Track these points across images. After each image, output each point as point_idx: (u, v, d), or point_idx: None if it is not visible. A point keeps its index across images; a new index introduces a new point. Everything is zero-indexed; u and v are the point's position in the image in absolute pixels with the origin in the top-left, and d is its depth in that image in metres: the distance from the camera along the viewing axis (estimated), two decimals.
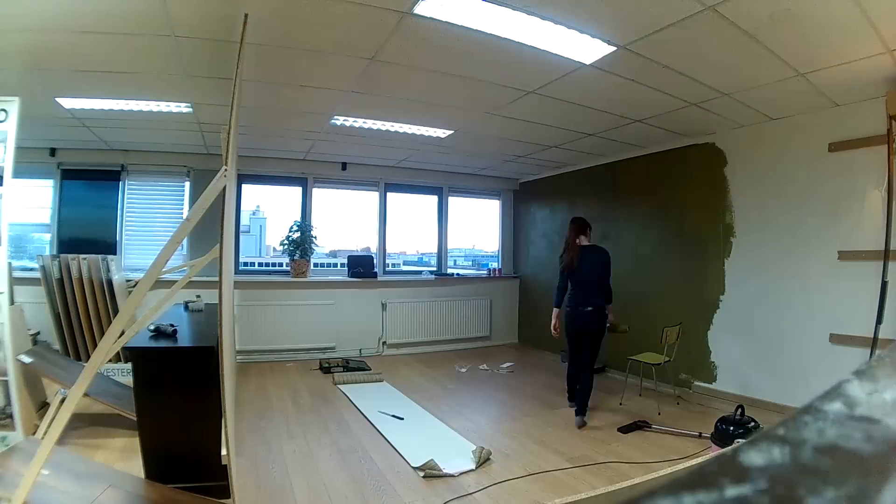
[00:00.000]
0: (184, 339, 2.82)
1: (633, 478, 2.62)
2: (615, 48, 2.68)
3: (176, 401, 2.46)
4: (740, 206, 4.17)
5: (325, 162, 6.02)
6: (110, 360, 3.91)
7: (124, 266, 5.10)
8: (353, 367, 5.28)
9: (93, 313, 4.44)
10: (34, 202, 5.13)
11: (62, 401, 2.58)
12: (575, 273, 3.79)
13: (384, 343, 6.18)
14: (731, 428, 2.94)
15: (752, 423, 2.97)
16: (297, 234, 5.82)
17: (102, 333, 4.06)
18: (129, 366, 3.45)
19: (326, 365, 5.22)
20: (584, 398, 3.72)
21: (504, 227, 7.43)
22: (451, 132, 4.61)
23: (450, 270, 6.98)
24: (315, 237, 5.96)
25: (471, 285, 6.83)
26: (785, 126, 3.78)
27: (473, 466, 2.87)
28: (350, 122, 4.31)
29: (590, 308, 3.70)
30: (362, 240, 6.72)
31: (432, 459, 2.84)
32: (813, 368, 3.59)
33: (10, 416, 2.81)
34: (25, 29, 2.53)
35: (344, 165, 6.13)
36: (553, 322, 3.99)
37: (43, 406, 3.18)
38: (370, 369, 5.26)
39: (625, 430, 3.53)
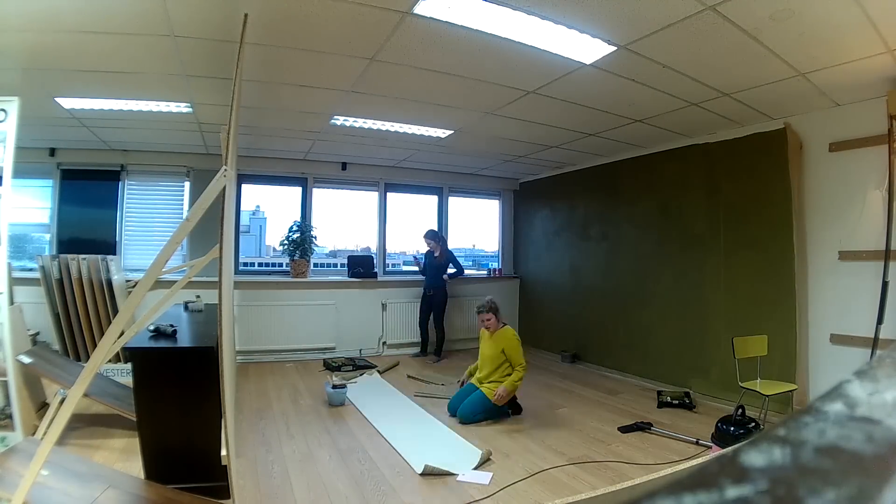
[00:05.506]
0: (183, 340, 2.82)
1: (633, 478, 2.62)
2: (615, 48, 2.68)
3: (176, 401, 2.46)
4: (741, 205, 4.17)
5: (325, 162, 6.02)
6: (110, 361, 3.92)
7: (124, 266, 5.10)
8: (361, 365, 5.30)
9: (92, 314, 4.44)
10: (34, 202, 5.14)
11: (62, 401, 2.58)
12: None
13: (384, 343, 6.18)
14: (732, 428, 2.94)
15: (753, 424, 2.97)
16: (297, 235, 5.82)
17: (102, 334, 4.06)
18: (129, 366, 3.45)
19: (335, 364, 5.23)
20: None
21: (504, 227, 7.43)
22: (451, 132, 4.60)
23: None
24: (315, 237, 5.96)
25: (471, 285, 6.83)
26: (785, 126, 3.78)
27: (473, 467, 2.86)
28: (350, 122, 4.31)
29: None
30: (362, 240, 6.72)
31: (428, 464, 2.82)
32: (814, 368, 3.58)
33: (10, 416, 2.81)
34: (25, 29, 2.53)
35: (344, 165, 6.13)
36: None
37: (42, 406, 3.18)
38: (376, 366, 5.27)
39: (625, 430, 3.53)
